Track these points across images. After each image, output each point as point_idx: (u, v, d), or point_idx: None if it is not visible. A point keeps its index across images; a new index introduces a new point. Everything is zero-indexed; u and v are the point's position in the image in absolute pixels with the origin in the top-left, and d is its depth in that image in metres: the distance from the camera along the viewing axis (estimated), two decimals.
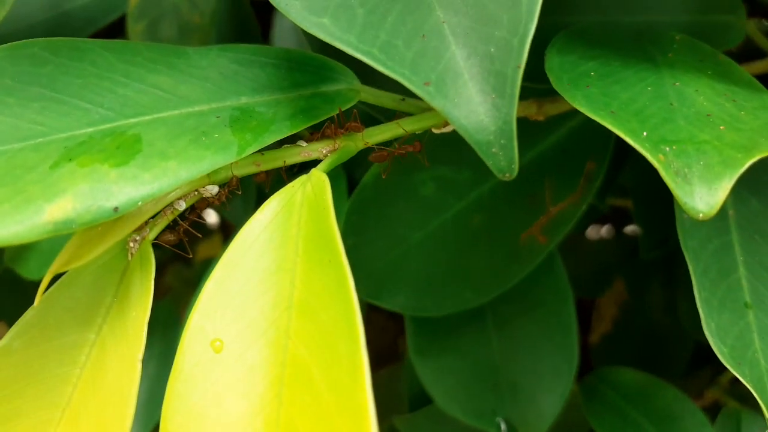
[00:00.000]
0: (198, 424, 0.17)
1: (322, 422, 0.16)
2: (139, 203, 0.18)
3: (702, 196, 0.17)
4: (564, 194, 0.30)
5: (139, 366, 0.18)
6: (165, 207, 0.20)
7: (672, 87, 0.20)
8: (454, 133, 0.30)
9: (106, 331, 0.20)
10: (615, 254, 0.47)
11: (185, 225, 0.20)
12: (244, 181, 0.23)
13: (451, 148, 0.30)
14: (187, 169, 0.19)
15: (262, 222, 0.19)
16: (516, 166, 0.17)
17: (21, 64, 0.21)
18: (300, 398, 0.16)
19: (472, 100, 0.17)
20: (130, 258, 0.20)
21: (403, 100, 0.24)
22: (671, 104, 0.19)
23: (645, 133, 0.18)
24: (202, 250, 0.46)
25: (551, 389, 0.32)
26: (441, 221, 0.31)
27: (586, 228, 0.52)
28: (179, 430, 0.17)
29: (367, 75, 0.24)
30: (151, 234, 0.20)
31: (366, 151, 0.31)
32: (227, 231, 0.48)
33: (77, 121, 0.20)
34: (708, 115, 0.19)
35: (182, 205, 0.20)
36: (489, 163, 0.17)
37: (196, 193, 0.20)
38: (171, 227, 0.20)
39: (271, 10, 0.42)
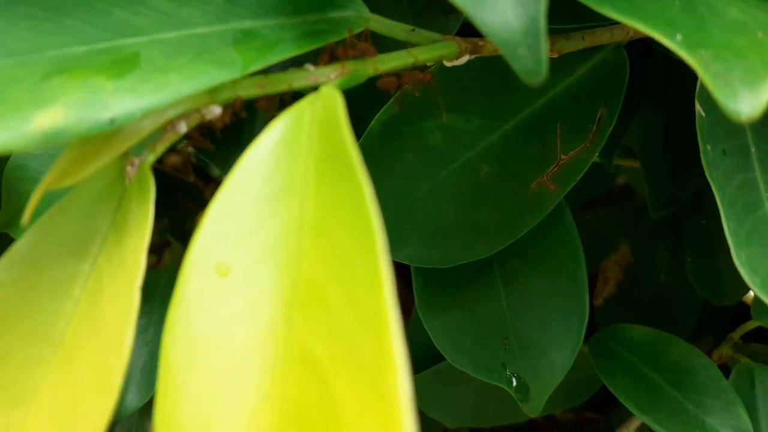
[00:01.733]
0: (202, 352, 0.16)
1: (339, 338, 0.14)
2: (138, 116, 0.16)
3: (745, 97, 0.15)
4: (575, 141, 0.29)
5: (137, 294, 0.17)
6: (165, 128, 0.18)
7: (701, 1, 0.18)
8: (464, 77, 0.29)
9: (102, 262, 0.18)
10: (620, 221, 0.46)
11: (189, 145, 0.19)
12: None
13: (459, 96, 0.29)
14: (189, 82, 0.17)
15: (268, 143, 0.18)
16: (544, 68, 0.15)
17: None
18: (314, 318, 0.15)
19: None
20: (127, 183, 0.18)
21: (414, 30, 0.22)
22: (702, 16, 0.18)
23: (679, 37, 0.16)
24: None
25: (562, 343, 0.30)
26: (449, 171, 0.29)
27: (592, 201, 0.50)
28: (182, 359, 0.16)
29: (375, 7, 0.22)
30: (151, 157, 0.18)
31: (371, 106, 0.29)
32: None
33: (69, 39, 0.18)
34: (743, 23, 0.17)
35: (183, 127, 0.18)
36: (515, 65, 0.15)
37: (197, 114, 0.18)
38: (174, 150, 0.19)
39: None
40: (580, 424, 0.59)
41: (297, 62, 0.20)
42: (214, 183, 0.49)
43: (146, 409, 0.45)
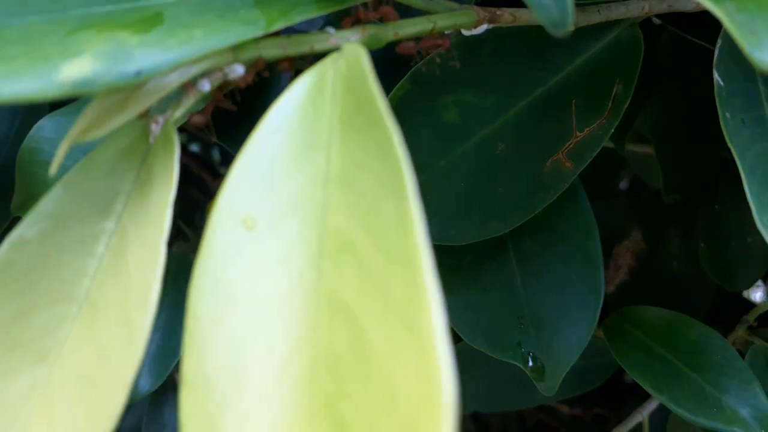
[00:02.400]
0: (230, 303, 0.16)
1: (369, 283, 0.14)
2: (164, 69, 0.16)
3: None
4: (591, 118, 0.29)
5: (163, 248, 0.17)
6: (188, 85, 0.18)
7: None
8: (481, 53, 0.29)
9: (126, 219, 0.18)
10: (631, 210, 0.45)
11: (212, 106, 0.19)
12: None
13: (475, 71, 0.29)
14: (214, 37, 0.17)
15: (291, 100, 0.17)
16: (570, 18, 0.15)
17: None
18: (343, 266, 0.15)
19: None
20: (152, 141, 0.18)
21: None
22: None
23: None
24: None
25: (577, 322, 0.30)
26: (465, 149, 0.29)
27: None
28: (209, 311, 0.16)
29: None
30: (177, 113, 0.18)
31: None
32: None
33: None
34: None
35: (206, 86, 0.18)
36: (540, 16, 0.15)
37: (220, 73, 0.18)
38: (197, 112, 0.19)
39: None
40: (589, 421, 0.59)
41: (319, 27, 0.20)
42: (222, 178, 0.49)
43: (157, 397, 0.45)
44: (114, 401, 0.16)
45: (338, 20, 0.20)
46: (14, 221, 0.37)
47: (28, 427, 0.18)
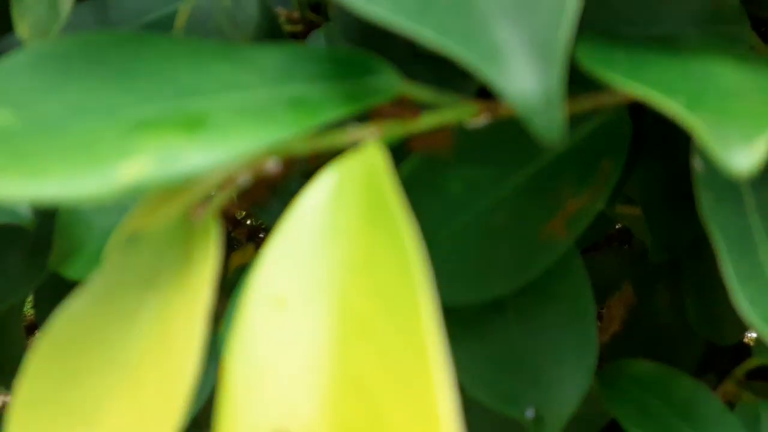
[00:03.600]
0: (262, 375, 0.17)
1: (386, 363, 0.15)
2: (208, 168, 0.18)
3: (741, 154, 0.17)
4: (582, 190, 0.30)
5: (203, 323, 0.18)
6: (228, 180, 0.20)
7: (698, 69, 0.20)
8: (480, 134, 0.31)
9: (170, 295, 0.20)
10: (622, 263, 0.47)
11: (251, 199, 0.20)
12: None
13: (476, 149, 0.30)
14: (254, 139, 0.19)
15: (318, 192, 0.19)
16: (561, 131, 0.17)
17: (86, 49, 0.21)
18: (364, 345, 0.16)
19: (518, 68, 0.17)
20: (193, 227, 0.20)
21: (440, 94, 0.24)
22: (699, 81, 0.19)
23: (678, 102, 0.18)
24: (236, 259, 0.46)
25: (573, 376, 0.31)
26: (467, 218, 0.31)
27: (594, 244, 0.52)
28: (243, 382, 0.17)
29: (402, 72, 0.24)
30: (215, 203, 0.20)
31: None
32: (258, 242, 0.48)
33: (143, 99, 0.20)
34: (738, 91, 0.19)
35: (244, 180, 0.20)
36: (534, 128, 0.17)
37: (257, 169, 0.20)
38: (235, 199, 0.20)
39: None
40: None
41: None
42: (241, 225, 0.51)
43: None
44: None
45: (356, 119, 0.22)
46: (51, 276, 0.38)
47: None
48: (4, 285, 0.44)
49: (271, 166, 0.19)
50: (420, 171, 0.30)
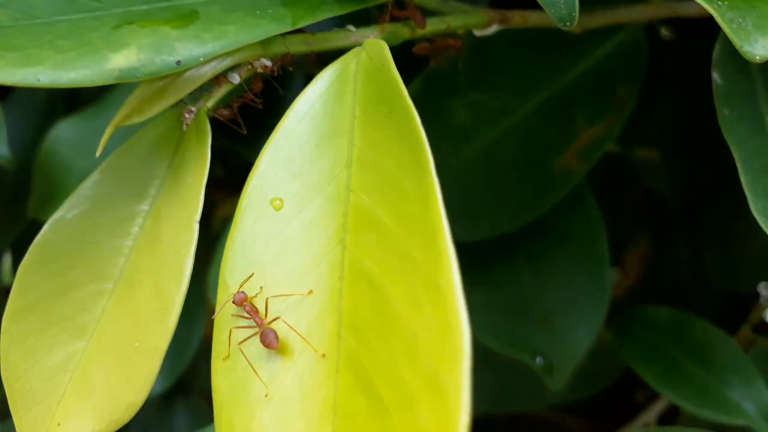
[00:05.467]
0: (259, 275, 0.17)
1: (390, 251, 0.16)
2: (201, 59, 0.18)
3: (758, 40, 0.17)
4: (597, 119, 0.31)
5: (195, 227, 0.19)
6: (220, 77, 0.20)
7: None
8: (491, 53, 0.31)
9: (161, 202, 0.20)
10: (638, 217, 0.47)
11: (239, 102, 0.21)
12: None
13: (485, 72, 0.31)
14: (245, 32, 0.19)
15: (315, 92, 0.19)
16: (576, 14, 0.17)
17: None
18: (364, 238, 0.16)
19: None
20: (185, 128, 0.20)
21: (446, 1, 0.24)
22: None
23: None
24: (222, 211, 0.46)
25: (584, 320, 0.32)
26: (474, 149, 0.31)
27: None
28: (240, 282, 0.17)
29: None
30: (209, 103, 0.20)
31: None
32: None
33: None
34: None
35: (236, 78, 0.20)
36: (550, 11, 0.17)
37: (250, 66, 0.20)
38: (226, 105, 0.21)
39: None
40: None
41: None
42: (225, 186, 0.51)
43: (166, 401, 0.46)
44: (148, 369, 0.18)
45: (357, 19, 0.22)
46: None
47: (64, 397, 0.19)
48: None
49: (264, 64, 0.20)
50: (424, 97, 0.30)
